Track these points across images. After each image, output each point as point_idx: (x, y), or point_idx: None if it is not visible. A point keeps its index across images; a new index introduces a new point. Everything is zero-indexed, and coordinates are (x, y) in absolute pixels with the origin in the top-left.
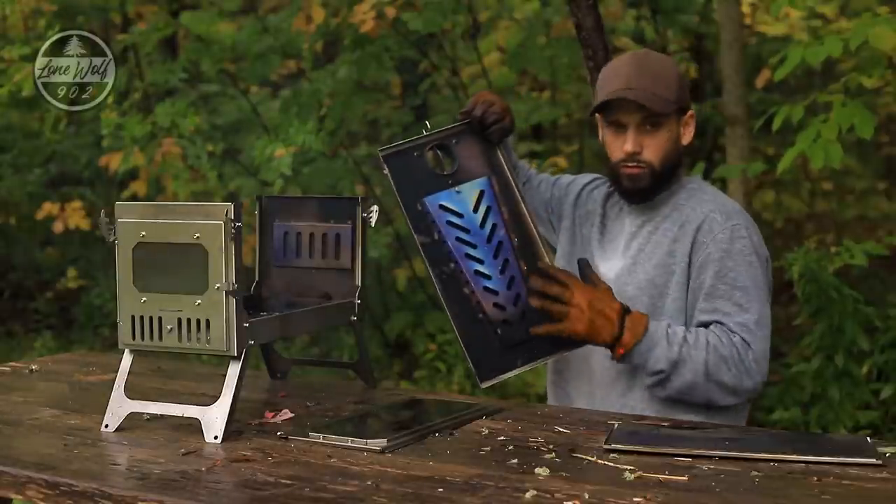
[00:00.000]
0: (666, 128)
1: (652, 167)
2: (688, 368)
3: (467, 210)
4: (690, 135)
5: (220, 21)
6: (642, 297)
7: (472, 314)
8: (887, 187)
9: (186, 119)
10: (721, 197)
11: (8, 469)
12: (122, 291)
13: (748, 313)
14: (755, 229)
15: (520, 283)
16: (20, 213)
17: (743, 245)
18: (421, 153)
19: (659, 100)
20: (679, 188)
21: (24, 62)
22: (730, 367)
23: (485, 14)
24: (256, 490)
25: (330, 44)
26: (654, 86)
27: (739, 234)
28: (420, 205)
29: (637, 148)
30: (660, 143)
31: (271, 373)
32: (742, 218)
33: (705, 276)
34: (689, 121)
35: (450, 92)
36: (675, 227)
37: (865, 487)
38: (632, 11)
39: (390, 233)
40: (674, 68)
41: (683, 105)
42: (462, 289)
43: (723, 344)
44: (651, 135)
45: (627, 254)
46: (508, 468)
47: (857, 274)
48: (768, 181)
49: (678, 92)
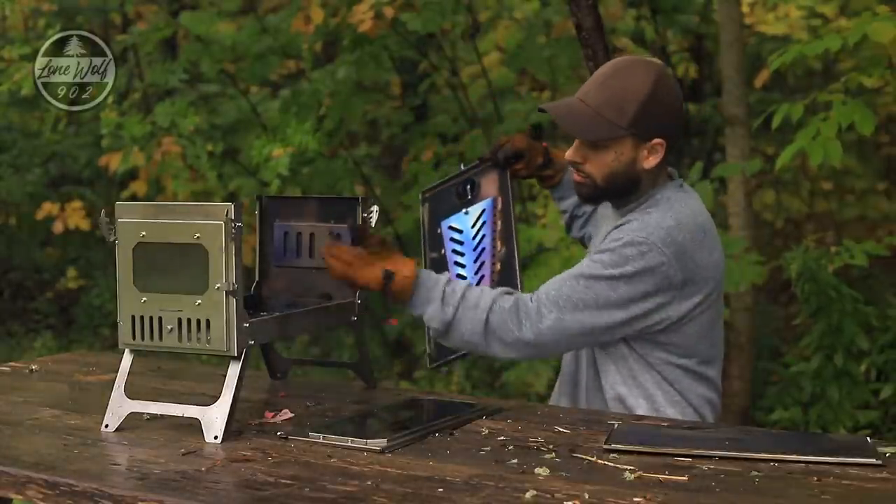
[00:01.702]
0: (613, 149)
1: (594, 181)
2: (464, 327)
3: (467, 227)
4: (655, 161)
5: (219, 21)
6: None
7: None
8: (887, 187)
9: (186, 119)
10: (669, 211)
11: (8, 469)
12: (122, 291)
13: (554, 286)
14: (669, 251)
15: (487, 279)
16: (20, 213)
17: (623, 253)
18: (450, 191)
19: (597, 124)
20: (648, 199)
21: (24, 62)
22: (508, 321)
23: (484, 14)
24: (256, 490)
25: (329, 44)
26: (604, 106)
27: (633, 241)
28: (438, 228)
29: (576, 158)
30: (604, 160)
31: (271, 373)
32: (657, 233)
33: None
34: (657, 147)
35: (449, 92)
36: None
37: (865, 487)
38: (632, 11)
39: (390, 233)
40: (642, 93)
41: (640, 132)
42: None
43: (506, 300)
44: (594, 151)
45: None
46: (508, 468)
47: (857, 274)
48: (768, 181)
49: (637, 118)
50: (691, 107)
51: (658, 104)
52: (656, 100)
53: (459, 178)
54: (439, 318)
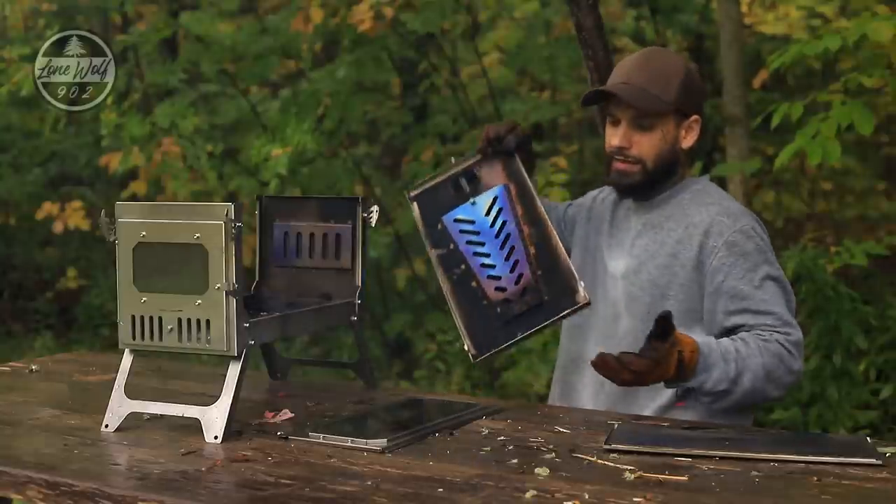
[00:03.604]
0: (660, 128)
1: (643, 164)
2: (747, 378)
3: (479, 216)
4: (692, 140)
5: (219, 21)
6: (644, 297)
7: (476, 302)
8: (887, 187)
9: (186, 119)
10: (726, 199)
11: (8, 469)
12: (122, 291)
13: (776, 306)
14: (762, 227)
15: (524, 265)
16: (20, 213)
17: (755, 244)
18: (445, 187)
19: (649, 98)
20: (682, 189)
21: (23, 62)
22: (783, 361)
23: (484, 14)
24: (256, 490)
25: (329, 44)
26: (650, 84)
27: (749, 235)
28: (440, 224)
29: (625, 143)
30: (652, 141)
31: (271, 373)
32: (748, 218)
33: (722, 279)
34: (693, 125)
35: (449, 92)
36: (679, 228)
37: (865, 487)
38: (632, 11)
39: (390, 233)
40: (681, 69)
41: (684, 108)
42: (470, 283)
43: (769, 342)
44: (643, 132)
45: (633, 252)
46: (508, 468)
47: (857, 274)
48: (768, 181)
49: (679, 94)
50: None
51: (694, 81)
52: (692, 77)
53: (453, 173)
54: (727, 377)
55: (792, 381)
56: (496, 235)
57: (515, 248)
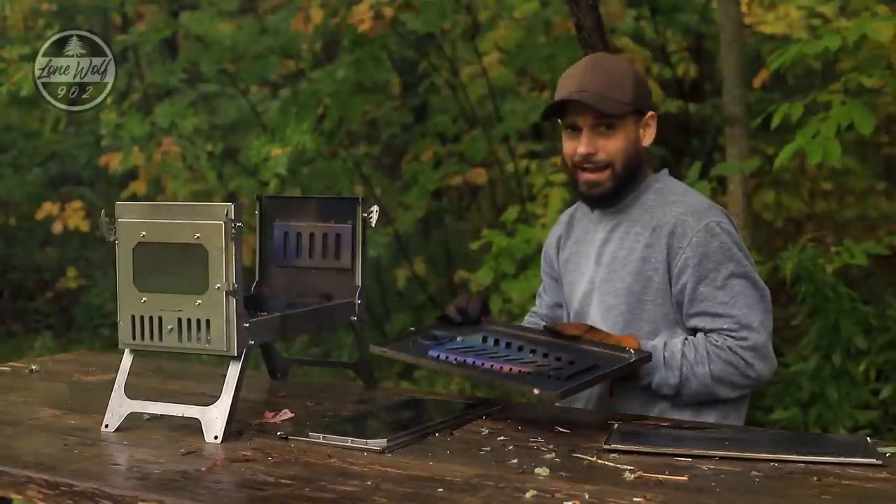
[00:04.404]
0: (622, 129)
1: (612, 167)
2: (693, 384)
3: (469, 343)
4: (651, 136)
5: (219, 21)
6: (620, 305)
7: (511, 375)
8: (887, 187)
9: (186, 119)
10: (690, 195)
11: (8, 469)
12: (122, 291)
13: (735, 308)
14: (729, 220)
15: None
16: (20, 213)
17: (719, 242)
18: (415, 341)
19: (609, 101)
20: (645, 188)
21: (23, 62)
22: (736, 368)
23: (484, 14)
24: (256, 490)
25: (329, 44)
26: (605, 88)
27: (714, 232)
28: (425, 356)
29: (590, 149)
30: (617, 143)
31: (271, 373)
32: (713, 213)
33: (686, 281)
34: (650, 122)
35: (449, 92)
36: (646, 231)
37: (865, 487)
38: (631, 11)
39: (390, 233)
40: (630, 70)
41: (640, 107)
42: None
43: (720, 349)
44: (606, 136)
45: (602, 261)
46: (508, 468)
47: (857, 274)
48: (768, 181)
49: (634, 94)
50: (691, 106)
51: (642, 79)
52: (640, 76)
53: (419, 334)
54: (668, 384)
55: (749, 383)
56: (495, 343)
57: (526, 348)
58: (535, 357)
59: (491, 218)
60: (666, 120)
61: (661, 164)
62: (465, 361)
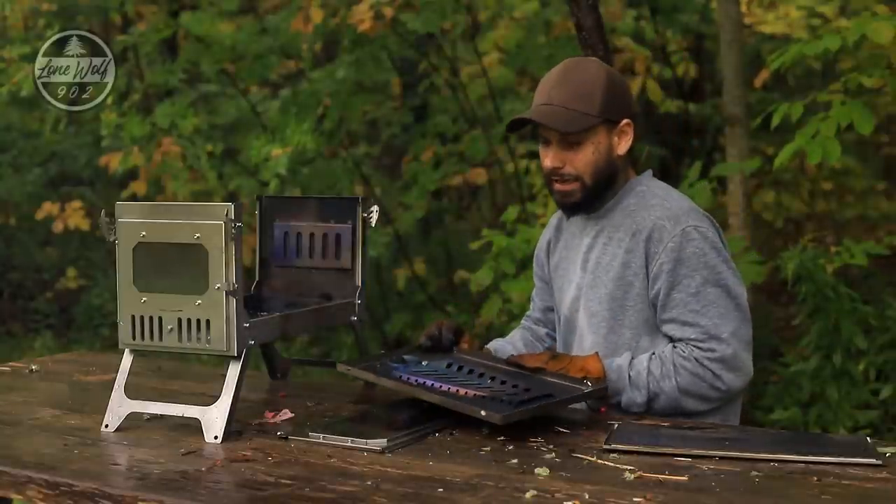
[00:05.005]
0: (590, 142)
1: (581, 180)
2: (662, 399)
3: (433, 368)
4: (628, 143)
5: (219, 21)
6: (603, 311)
7: (462, 398)
8: (887, 187)
9: (186, 119)
10: (670, 199)
11: (8, 469)
12: (122, 291)
13: (705, 318)
14: (709, 223)
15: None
16: (20, 213)
17: (695, 248)
18: (383, 362)
19: (573, 116)
20: (627, 192)
21: (23, 62)
22: (703, 380)
23: (484, 14)
24: (256, 490)
25: (329, 44)
26: (571, 100)
27: (690, 238)
28: (392, 372)
29: (557, 163)
30: (585, 157)
31: (271, 373)
32: (691, 218)
33: (660, 286)
34: (626, 129)
35: (449, 92)
36: (627, 236)
37: (865, 487)
38: (631, 11)
39: (390, 233)
40: (602, 78)
41: (611, 116)
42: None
43: (687, 360)
44: (574, 150)
45: (587, 267)
46: (508, 468)
47: (857, 274)
48: (768, 181)
49: (604, 103)
50: (691, 106)
51: (617, 86)
52: (614, 82)
53: (389, 357)
54: (636, 403)
55: (720, 396)
56: (458, 369)
57: (486, 376)
58: (493, 383)
59: (491, 218)
60: (666, 120)
61: (661, 164)
62: (424, 383)
